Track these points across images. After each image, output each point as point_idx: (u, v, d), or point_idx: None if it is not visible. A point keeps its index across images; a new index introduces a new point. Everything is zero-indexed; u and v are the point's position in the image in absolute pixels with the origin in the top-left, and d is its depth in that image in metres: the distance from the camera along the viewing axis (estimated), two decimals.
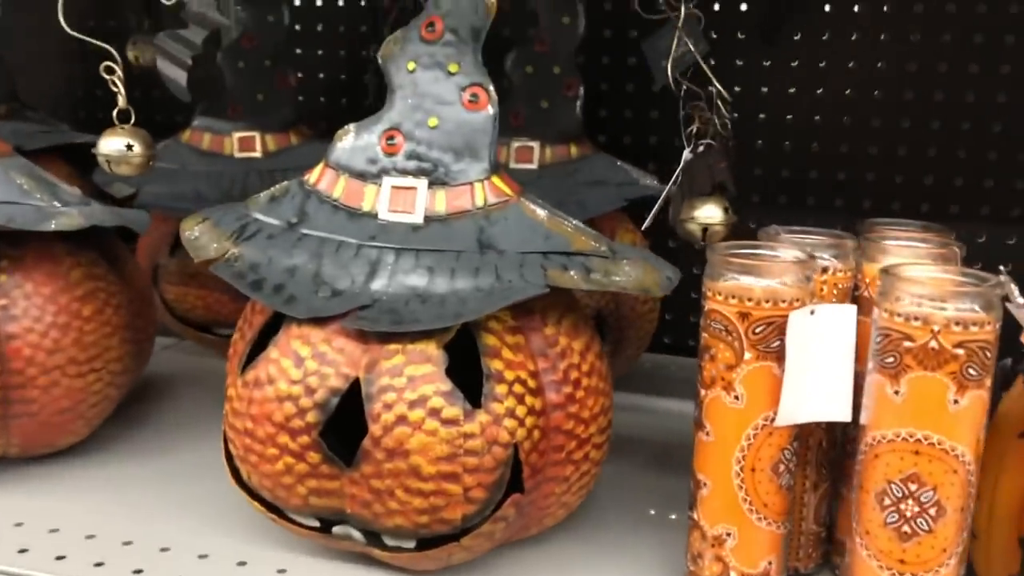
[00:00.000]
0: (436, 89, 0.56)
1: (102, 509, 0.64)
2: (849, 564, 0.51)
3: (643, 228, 0.62)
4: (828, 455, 0.57)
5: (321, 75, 1.02)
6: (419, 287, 0.54)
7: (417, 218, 0.56)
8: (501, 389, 0.52)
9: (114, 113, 0.66)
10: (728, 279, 0.51)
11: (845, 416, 0.51)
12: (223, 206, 0.62)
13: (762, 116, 0.90)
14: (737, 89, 0.90)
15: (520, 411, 0.52)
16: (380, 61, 0.58)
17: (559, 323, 0.56)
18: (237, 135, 0.91)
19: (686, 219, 0.62)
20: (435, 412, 0.51)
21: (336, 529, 0.55)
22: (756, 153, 0.91)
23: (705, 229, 0.60)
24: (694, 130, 0.61)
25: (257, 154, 0.92)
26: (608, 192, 0.80)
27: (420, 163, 0.56)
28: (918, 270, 0.49)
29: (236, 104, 0.91)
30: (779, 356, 0.50)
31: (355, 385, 0.52)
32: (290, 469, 0.53)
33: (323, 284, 0.55)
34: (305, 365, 0.52)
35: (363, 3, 1.00)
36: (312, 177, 0.59)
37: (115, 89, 0.65)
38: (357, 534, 0.55)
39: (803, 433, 0.54)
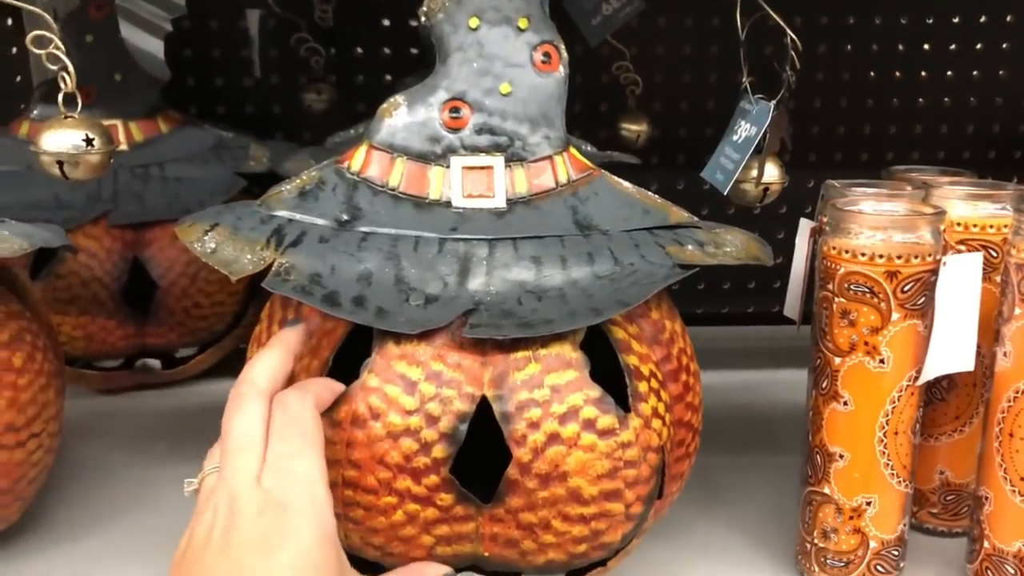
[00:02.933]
0: (505, 49, 0.48)
1: None
2: (994, 513, 0.50)
3: (725, 193, 0.57)
4: None
5: (188, 51, 0.86)
6: (528, 281, 0.46)
7: (499, 202, 0.48)
8: (643, 387, 0.46)
9: (59, 99, 0.51)
10: (867, 238, 0.48)
11: (970, 365, 0.50)
12: (217, 208, 0.49)
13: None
14: None
15: (661, 409, 0.47)
16: (424, 19, 0.48)
17: (660, 306, 0.50)
18: None
19: (745, 180, 0.57)
20: (590, 424, 0.44)
21: None
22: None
23: (765, 190, 0.57)
24: (747, 86, 0.57)
25: (122, 146, 0.76)
26: None
27: (494, 137, 0.48)
28: None
29: (87, 87, 0.75)
30: (922, 313, 0.49)
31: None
32: (414, 518, 0.43)
33: (412, 290, 0.45)
34: (420, 390, 0.43)
35: None
36: (355, 163, 0.48)
37: (52, 66, 0.49)
38: None
39: None
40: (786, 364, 0.75)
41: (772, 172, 0.56)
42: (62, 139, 0.50)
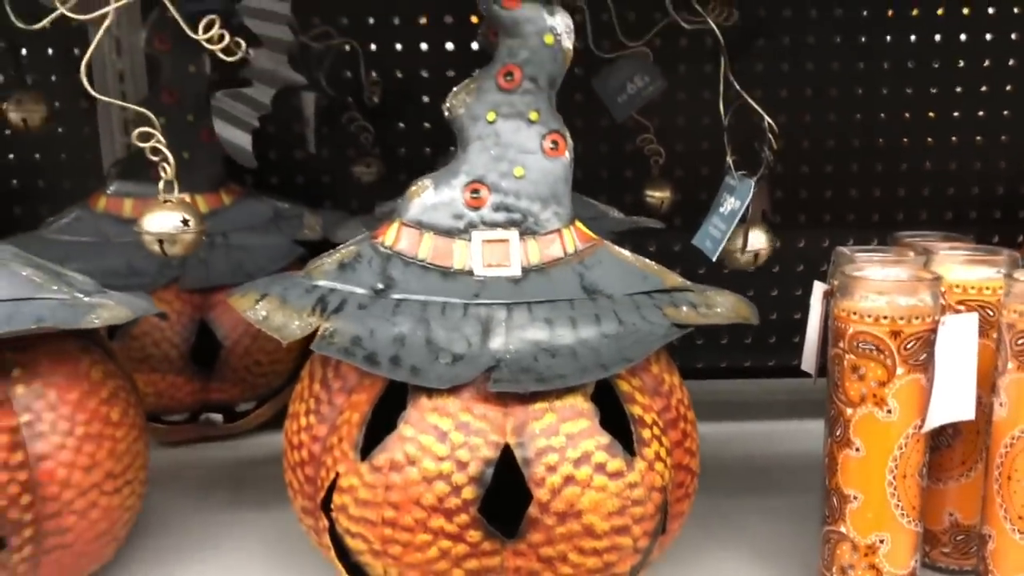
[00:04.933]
0: (519, 138, 0.55)
1: None
2: (996, 550, 0.54)
3: (714, 260, 0.63)
4: None
5: None
6: (542, 341, 0.52)
7: (515, 271, 0.54)
8: (647, 434, 0.51)
9: (160, 186, 0.58)
10: (873, 301, 0.53)
11: (971, 415, 0.54)
12: (266, 280, 0.56)
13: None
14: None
15: (663, 453, 0.52)
16: (448, 112, 0.55)
17: (659, 361, 0.56)
18: None
19: (735, 250, 0.63)
20: (601, 467, 0.49)
21: None
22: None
23: (755, 255, 0.63)
24: (730, 164, 0.63)
25: None
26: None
27: (509, 214, 0.54)
28: None
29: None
30: (924, 367, 0.53)
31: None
32: (446, 553, 0.49)
33: (441, 350, 0.51)
34: (450, 439, 0.49)
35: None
36: (388, 238, 0.55)
37: (155, 158, 0.57)
38: None
39: None
40: (805, 415, 0.78)
41: (760, 239, 0.62)
42: (162, 221, 0.58)
